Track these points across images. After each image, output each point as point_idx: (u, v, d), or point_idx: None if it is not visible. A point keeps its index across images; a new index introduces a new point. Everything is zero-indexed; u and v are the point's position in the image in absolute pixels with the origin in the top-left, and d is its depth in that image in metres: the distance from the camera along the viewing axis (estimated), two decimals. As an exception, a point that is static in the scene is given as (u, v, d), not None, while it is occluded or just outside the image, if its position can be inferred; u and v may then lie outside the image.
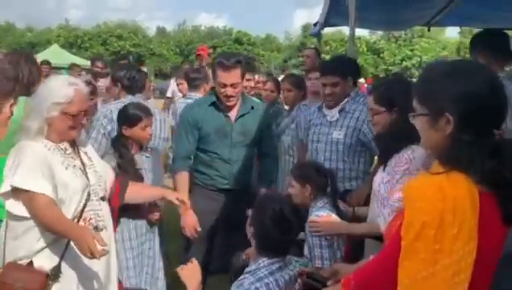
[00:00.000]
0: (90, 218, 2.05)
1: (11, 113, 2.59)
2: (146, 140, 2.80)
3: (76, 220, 2.00)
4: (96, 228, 2.05)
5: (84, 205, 2.03)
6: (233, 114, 2.83)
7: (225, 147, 2.81)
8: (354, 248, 2.29)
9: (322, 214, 2.21)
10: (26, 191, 1.89)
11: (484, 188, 1.15)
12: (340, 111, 2.83)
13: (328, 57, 10.76)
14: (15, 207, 1.94)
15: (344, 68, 2.87)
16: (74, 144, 2.14)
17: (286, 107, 4.14)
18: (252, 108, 2.88)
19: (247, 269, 1.79)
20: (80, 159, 2.12)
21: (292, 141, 3.74)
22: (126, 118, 2.72)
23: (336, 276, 1.69)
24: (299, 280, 1.85)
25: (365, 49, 39.09)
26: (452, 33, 42.72)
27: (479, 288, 1.16)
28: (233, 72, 2.67)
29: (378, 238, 1.93)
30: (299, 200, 2.29)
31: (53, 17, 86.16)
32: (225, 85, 2.70)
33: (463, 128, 1.17)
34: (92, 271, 2.06)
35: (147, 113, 2.75)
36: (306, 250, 2.24)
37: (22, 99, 2.65)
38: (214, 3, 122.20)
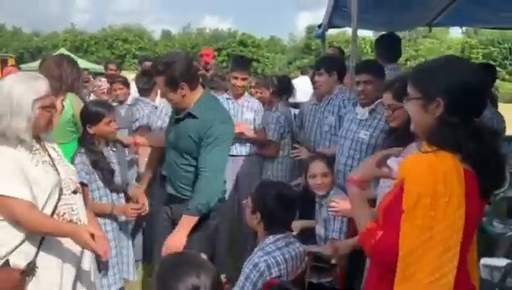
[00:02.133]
0: (64, 213, 2.03)
1: (63, 107, 2.95)
2: (112, 134, 2.84)
3: (50, 215, 2.00)
4: (70, 222, 2.05)
5: (58, 200, 2.01)
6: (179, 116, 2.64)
7: (166, 146, 2.75)
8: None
9: (338, 199, 2.45)
10: (4, 196, 1.86)
11: (466, 166, 1.33)
12: (371, 111, 2.87)
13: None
14: None
15: (378, 69, 2.95)
16: (39, 140, 2.08)
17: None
18: (194, 116, 2.52)
19: (256, 248, 1.98)
20: (48, 154, 2.08)
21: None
22: (90, 116, 2.73)
23: (336, 253, 1.86)
24: (306, 259, 2.02)
25: (369, 50, 39.17)
26: (456, 33, 42.75)
27: (463, 251, 1.34)
28: (158, 79, 2.52)
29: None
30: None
31: (59, 21, 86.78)
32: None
33: (451, 112, 1.36)
34: (69, 261, 2.06)
35: (109, 108, 2.80)
36: (317, 229, 2.45)
37: (68, 95, 2.99)
38: (218, 6, 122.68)
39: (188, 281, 1.24)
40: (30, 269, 1.93)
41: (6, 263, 1.90)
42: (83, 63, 19.15)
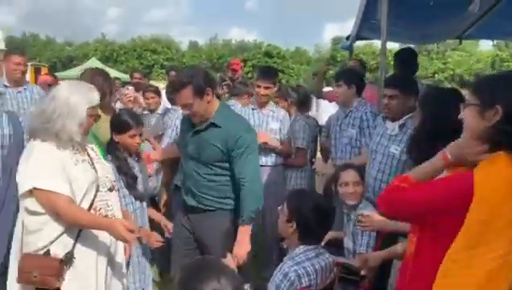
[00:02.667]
0: (100, 208, 2.22)
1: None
2: (133, 148, 2.84)
3: (87, 210, 2.19)
4: (105, 217, 2.23)
5: (95, 196, 2.21)
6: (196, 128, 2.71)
7: (184, 158, 2.83)
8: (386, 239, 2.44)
9: (368, 212, 2.44)
10: (47, 191, 2.06)
11: None
12: (401, 126, 2.86)
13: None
14: (32, 204, 2.11)
15: (406, 84, 2.93)
16: (81, 141, 2.29)
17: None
18: (217, 126, 2.62)
19: (286, 257, 1.99)
20: (88, 153, 2.30)
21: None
22: (117, 124, 2.79)
23: (365, 264, 1.86)
24: (334, 269, 2.02)
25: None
26: (486, 46, 41.89)
27: None
28: (181, 92, 2.57)
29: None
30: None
31: (90, 32, 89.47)
32: (182, 106, 2.66)
33: (506, 120, 1.43)
34: (103, 253, 2.24)
35: (138, 122, 2.82)
36: (346, 242, 2.44)
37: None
38: (245, 18, 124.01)
39: (209, 285, 1.26)
40: (68, 258, 2.13)
41: (47, 252, 2.11)
42: (113, 72, 19.61)
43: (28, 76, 5.62)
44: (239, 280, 1.33)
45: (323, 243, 2.56)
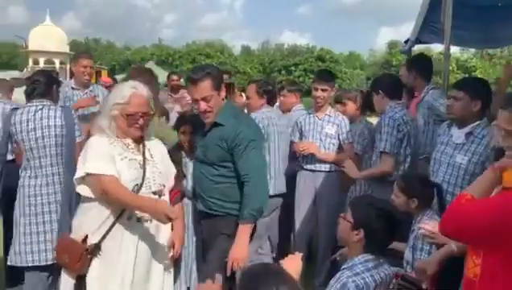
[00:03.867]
0: None
1: None
2: (184, 144, 3.02)
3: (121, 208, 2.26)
4: (139, 219, 2.28)
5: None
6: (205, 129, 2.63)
7: (194, 162, 2.75)
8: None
9: (432, 222, 2.33)
10: (97, 175, 2.19)
11: None
12: (468, 135, 2.67)
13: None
14: (84, 190, 2.28)
15: (473, 87, 2.75)
16: (140, 140, 2.39)
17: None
18: (220, 125, 2.52)
19: (344, 266, 1.94)
20: (143, 154, 2.36)
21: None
22: (176, 122, 3.08)
23: (425, 274, 1.78)
24: (393, 281, 1.95)
25: (455, 67, 37.21)
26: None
27: None
28: (201, 84, 2.45)
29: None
30: (403, 209, 2.49)
31: (148, 36, 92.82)
32: (196, 100, 2.50)
33: None
34: (131, 247, 2.27)
35: (186, 122, 2.99)
36: (406, 254, 2.35)
37: None
38: (298, 22, 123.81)
39: None
40: (95, 249, 2.23)
41: (84, 239, 2.24)
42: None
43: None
44: (298, 287, 1.31)
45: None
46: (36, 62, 24.15)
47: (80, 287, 2.24)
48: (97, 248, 2.23)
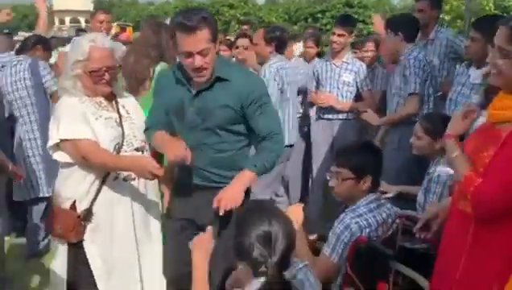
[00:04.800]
0: None
1: (152, 75, 3.02)
2: None
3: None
4: (125, 179, 2.18)
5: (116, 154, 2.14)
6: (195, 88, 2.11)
7: (183, 130, 2.16)
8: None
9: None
10: (72, 140, 2.07)
11: None
12: (486, 75, 2.57)
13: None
14: (61, 156, 2.15)
15: (490, 28, 2.69)
16: (112, 97, 2.24)
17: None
18: (224, 80, 2.07)
19: (347, 209, 2.00)
20: (118, 111, 2.22)
21: None
22: None
23: (436, 219, 1.81)
24: (397, 221, 2.00)
25: (493, 7, 35.07)
26: None
27: None
28: (198, 34, 1.93)
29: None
30: (426, 152, 2.46)
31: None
32: (190, 54, 1.96)
33: None
34: (123, 210, 2.20)
35: None
36: (420, 196, 2.37)
37: (162, 64, 2.97)
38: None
39: (260, 228, 1.32)
40: (87, 215, 2.13)
41: (73, 206, 2.14)
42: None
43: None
44: (291, 226, 1.38)
45: (392, 195, 2.52)
46: (62, 22, 24.39)
47: (78, 255, 2.16)
48: (89, 213, 2.14)
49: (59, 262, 2.21)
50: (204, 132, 2.10)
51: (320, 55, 4.92)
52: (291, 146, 3.66)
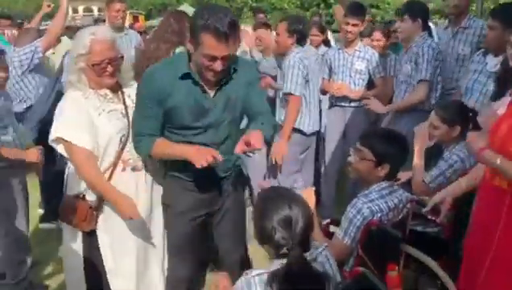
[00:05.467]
0: (129, 159, 2.16)
1: None
2: None
3: (114, 161, 2.13)
4: (133, 169, 2.18)
5: (123, 147, 2.13)
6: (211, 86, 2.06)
7: (200, 129, 2.09)
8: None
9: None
10: (68, 142, 2.05)
11: None
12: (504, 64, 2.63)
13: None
14: (64, 151, 2.11)
15: (508, 15, 2.68)
16: (117, 88, 2.21)
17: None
18: (234, 70, 2.07)
19: (360, 194, 2.07)
20: (124, 102, 2.20)
21: None
22: None
23: (444, 203, 1.88)
24: (408, 205, 2.07)
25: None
26: None
27: None
28: (231, 41, 1.89)
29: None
30: (444, 140, 2.52)
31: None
32: (214, 58, 1.91)
33: None
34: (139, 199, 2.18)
35: None
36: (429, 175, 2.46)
37: (181, 48, 3.04)
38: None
39: (281, 212, 1.41)
40: (98, 205, 2.15)
41: (83, 197, 2.17)
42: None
43: (127, 24, 6.03)
44: (309, 209, 1.47)
45: (404, 180, 2.58)
46: (76, 10, 24.47)
47: (91, 241, 2.20)
48: (100, 203, 2.16)
49: (74, 247, 2.25)
50: (230, 125, 2.11)
51: (325, 42, 4.95)
52: (313, 134, 3.76)
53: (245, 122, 2.25)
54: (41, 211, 4.02)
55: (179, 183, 2.18)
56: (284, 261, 1.40)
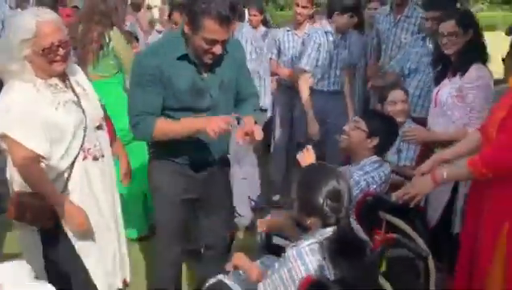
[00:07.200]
0: (89, 148, 2.04)
1: (105, 41, 3.16)
2: None
3: (77, 153, 2.00)
4: (95, 158, 2.07)
5: (84, 137, 2.01)
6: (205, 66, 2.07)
7: (200, 111, 2.10)
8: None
9: (415, 126, 2.75)
10: (14, 141, 1.85)
11: None
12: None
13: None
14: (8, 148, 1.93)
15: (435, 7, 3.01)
16: (65, 77, 2.02)
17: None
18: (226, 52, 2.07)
19: (352, 167, 2.30)
20: (73, 90, 2.03)
21: None
22: None
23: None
24: (392, 176, 2.35)
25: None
26: None
27: None
28: (231, 26, 1.98)
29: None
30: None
31: None
32: (214, 42, 1.94)
33: None
34: (95, 205, 2.09)
35: None
36: (390, 156, 2.72)
37: (114, 29, 3.17)
38: None
39: (330, 183, 1.55)
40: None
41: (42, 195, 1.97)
42: None
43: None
44: (349, 183, 1.64)
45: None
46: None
47: (53, 233, 2.03)
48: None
49: (32, 240, 2.06)
50: (226, 107, 2.12)
51: (264, 22, 4.99)
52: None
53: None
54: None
55: (168, 166, 2.17)
56: (329, 230, 1.54)
